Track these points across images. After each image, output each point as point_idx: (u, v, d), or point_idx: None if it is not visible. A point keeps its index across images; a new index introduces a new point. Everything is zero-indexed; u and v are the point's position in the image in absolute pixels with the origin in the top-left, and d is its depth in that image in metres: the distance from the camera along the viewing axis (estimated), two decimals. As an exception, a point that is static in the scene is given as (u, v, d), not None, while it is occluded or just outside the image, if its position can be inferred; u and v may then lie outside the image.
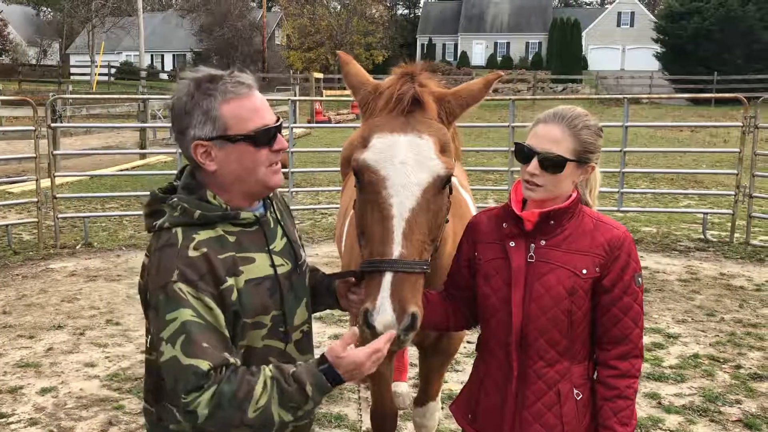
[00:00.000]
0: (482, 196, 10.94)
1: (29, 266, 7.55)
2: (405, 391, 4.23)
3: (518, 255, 2.13)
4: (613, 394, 2.10)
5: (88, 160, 15.36)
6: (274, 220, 1.99)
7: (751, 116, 8.33)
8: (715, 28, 35.66)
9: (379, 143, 2.02)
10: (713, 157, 15.99)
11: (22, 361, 5.01)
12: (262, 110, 1.84)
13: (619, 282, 2.09)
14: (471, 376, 2.36)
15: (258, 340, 1.88)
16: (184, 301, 1.72)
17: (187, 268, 1.74)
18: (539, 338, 2.10)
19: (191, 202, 1.82)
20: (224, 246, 1.82)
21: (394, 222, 1.96)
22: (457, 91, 2.18)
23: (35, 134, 8.31)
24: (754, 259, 7.81)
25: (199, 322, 1.72)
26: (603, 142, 2.18)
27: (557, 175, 2.06)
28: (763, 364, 4.96)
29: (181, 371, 1.70)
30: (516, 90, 37.28)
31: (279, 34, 57.14)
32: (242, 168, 1.83)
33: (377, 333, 1.87)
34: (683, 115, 28.68)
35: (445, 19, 61.72)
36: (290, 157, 9.68)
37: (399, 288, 1.91)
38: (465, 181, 3.37)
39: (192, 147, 1.82)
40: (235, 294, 1.80)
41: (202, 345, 1.70)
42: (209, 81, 1.81)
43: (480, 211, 2.37)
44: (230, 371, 1.73)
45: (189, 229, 1.80)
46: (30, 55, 54.45)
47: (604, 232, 2.12)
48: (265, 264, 1.89)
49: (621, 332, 2.10)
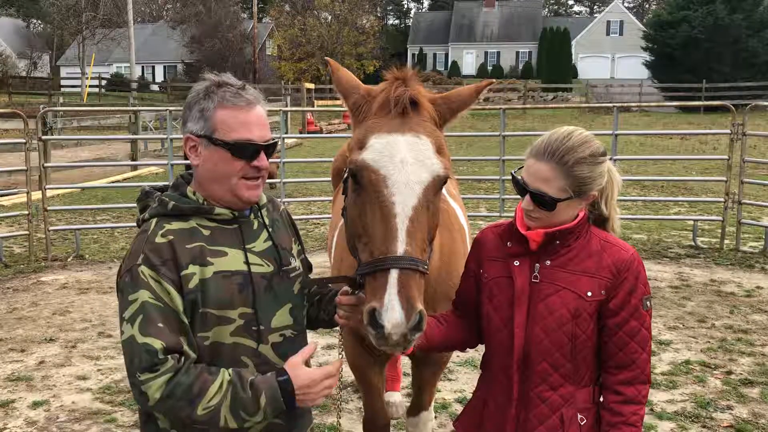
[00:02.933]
0: (474, 204, 10.97)
1: (20, 279, 7.51)
2: (398, 401, 4.22)
3: (522, 274, 2.08)
4: (618, 420, 2.03)
5: (79, 172, 15.31)
6: (259, 224, 2.03)
7: (739, 124, 8.41)
8: (703, 37, 35.97)
9: (377, 143, 2.01)
10: (703, 164, 16.10)
11: (13, 375, 4.98)
12: (252, 126, 1.90)
13: (626, 305, 2.03)
14: (475, 394, 2.31)
15: (226, 335, 1.90)
16: (145, 284, 1.81)
17: (151, 253, 1.84)
18: (542, 361, 2.04)
19: (171, 196, 1.94)
20: (194, 237, 1.90)
21: (397, 220, 1.92)
22: (447, 96, 2.19)
23: (26, 147, 8.28)
24: (744, 265, 7.86)
25: (157, 304, 1.80)
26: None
27: (551, 212, 2.00)
28: (754, 370, 4.99)
29: (136, 349, 1.76)
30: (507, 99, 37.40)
31: (270, 45, 57.22)
32: (217, 171, 1.91)
33: (386, 334, 1.82)
34: (673, 122, 28.87)
35: (435, 29, 62.05)
36: (281, 168, 9.69)
37: (407, 285, 1.85)
38: (455, 191, 3.36)
39: (185, 138, 1.95)
40: (195, 282, 1.85)
41: (157, 325, 1.78)
42: (218, 86, 1.92)
43: (487, 227, 2.31)
44: (190, 363, 1.80)
45: (163, 219, 1.91)
46: (20, 68, 54.28)
47: (612, 254, 2.06)
48: (239, 260, 1.93)
49: (627, 357, 2.04)
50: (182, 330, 1.82)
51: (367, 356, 2.88)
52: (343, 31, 49.18)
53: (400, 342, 1.84)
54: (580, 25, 60.72)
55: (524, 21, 59.90)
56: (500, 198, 9.66)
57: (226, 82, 1.93)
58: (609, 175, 2.12)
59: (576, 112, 28.71)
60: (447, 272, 2.58)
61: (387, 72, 2.17)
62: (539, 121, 27.80)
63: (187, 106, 1.95)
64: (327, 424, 4.20)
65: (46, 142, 10.36)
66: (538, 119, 28.33)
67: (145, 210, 1.99)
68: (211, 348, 1.89)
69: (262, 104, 1.95)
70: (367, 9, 53.77)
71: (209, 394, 1.76)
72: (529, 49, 58.08)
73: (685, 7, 37.54)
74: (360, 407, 4.31)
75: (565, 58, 51.70)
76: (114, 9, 46.03)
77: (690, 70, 35.88)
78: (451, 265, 2.60)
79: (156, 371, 1.74)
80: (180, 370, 1.76)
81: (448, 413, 4.34)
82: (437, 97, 2.18)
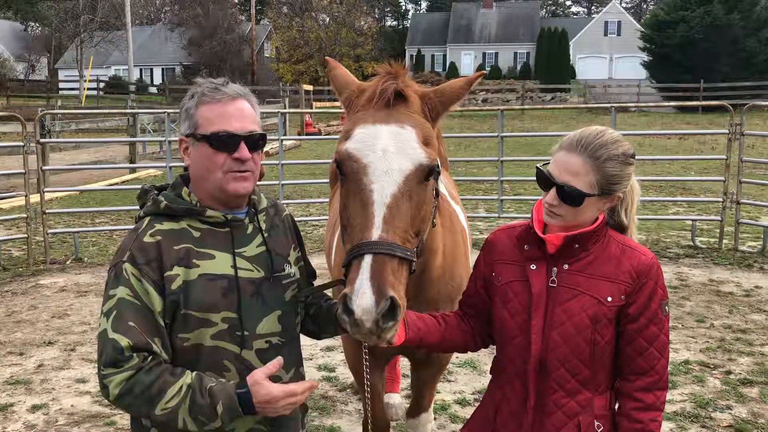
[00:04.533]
0: (473, 205, 10.97)
1: (19, 282, 7.51)
2: (397, 402, 4.22)
3: (539, 279, 2.03)
4: (637, 427, 1.99)
5: (77, 175, 15.30)
6: (254, 228, 2.02)
7: (737, 123, 8.42)
8: (700, 37, 36.02)
9: (361, 133, 2.01)
10: (701, 164, 16.11)
11: (12, 379, 4.97)
12: (231, 117, 1.91)
13: (645, 311, 1.99)
14: (485, 400, 2.26)
15: (207, 338, 1.89)
16: (125, 281, 1.83)
17: (137, 251, 1.86)
18: (560, 367, 2.00)
19: (166, 196, 1.95)
20: (183, 238, 1.90)
21: (374, 208, 1.91)
22: (439, 89, 2.18)
23: (24, 150, 8.29)
24: (743, 265, 7.87)
25: (134, 302, 1.82)
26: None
27: (577, 208, 1.96)
28: (753, 370, 4.99)
29: (105, 343, 1.80)
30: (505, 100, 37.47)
31: (268, 47, 57.25)
32: (202, 167, 1.93)
33: (357, 321, 1.77)
34: (671, 123, 28.89)
35: (433, 30, 62.02)
36: (280, 169, 9.70)
37: (380, 270, 1.81)
38: (455, 192, 3.36)
39: (179, 140, 2.01)
40: (179, 284, 1.85)
41: (128, 323, 1.80)
42: (200, 86, 1.96)
43: (498, 228, 2.27)
44: (154, 363, 1.81)
45: (155, 219, 1.93)
46: (18, 71, 54.29)
47: (631, 258, 2.01)
48: (226, 264, 1.92)
49: (646, 363, 2.00)
50: (156, 330, 1.83)
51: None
52: (341, 32, 49.21)
53: (373, 330, 1.78)
54: (578, 25, 60.73)
55: (522, 22, 59.90)
56: (499, 199, 9.66)
57: (210, 80, 1.96)
58: (631, 184, 2.10)
59: (574, 113, 28.70)
60: (450, 273, 2.58)
61: (379, 66, 2.18)
62: (537, 122, 27.81)
63: (180, 112, 2.00)
64: (327, 425, 4.20)
65: (45, 145, 10.36)
66: (536, 120, 28.33)
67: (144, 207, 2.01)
68: (192, 349, 1.89)
69: (246, 98, 1.95)
70: (365, 10, 53.84)
71: (168, 395, 1.78)
72: (527, 50, 58.08)
73: (683, 7, 37.59)
74: (359, 408, 4.32)
75: (563, 59, 51.71)
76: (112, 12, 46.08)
77: (688, 70, 35.94)
78: (453, 266, 2.60)
79: (119, 367, 1.78)
80: (142, 369, 1.78)
81: (448, 414, 4.34)
82: (428, 90, 2.17)
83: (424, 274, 2.41)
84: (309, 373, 5.04)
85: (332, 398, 4.59)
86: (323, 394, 4.63)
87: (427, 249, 2.33)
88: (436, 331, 2.19)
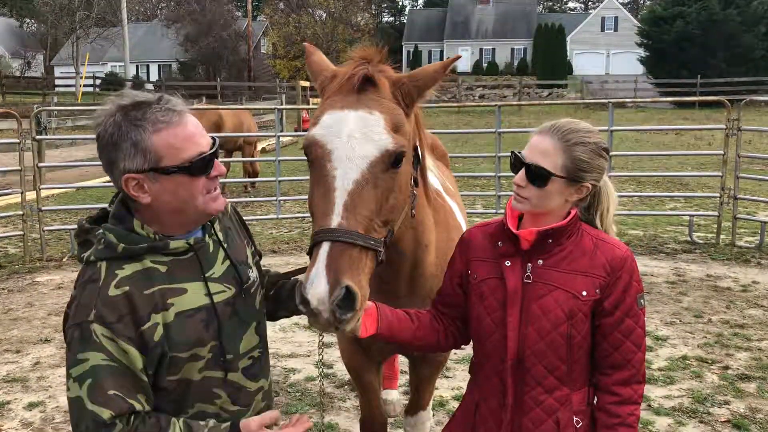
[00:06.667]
0: (470, 201, 10.97)
1: (15, 280, 7.48)
2: (395, 399, 4.21)
3: (514, 275, 2.03)
4: (615, 422, 2.00)
5: (73, 171, 15.25)
6: (214, 243, 1.88)
7: (734, 119, 8.41)
8: (697, 32, 36.00)
9: (327, 119, 1.98)
10: (698, 160, 16.12)
11: (8, 376, 4.96)
12: (196, 137, 1.74)
13: (621, 304, 1.99)
14: (465, 400, 2.26)
15: (195, 372, 1.80)
16: (97, 344, 1.65)
17: (105, 308, 1.66)
18: (537, 363, 2.00)
19: (117, 234, 1.73)
20: (152, 279, 1.73)
21: (336, 194, 1.87)
22: (413, 74, 2.14)
23: (20, 147, 8.25)
24: (740, 260, 7.87)
25: (111, 365, 1.65)
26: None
27: (543, 189, 1.95)
28: (751, 365, 4.99)
29: (83, 414, 1.65)
30: (502, 96, 37.41)
31: (265, 43, 57.12)
32: (178, 200, 1.74)
33: (312, 310, 1.73)
34: (668, 118, 28.87)
35: (430, 26, 62.02)
36: (277, 166, 9.67)
37: (337, 258, 1.76)
38: (453, 188, 3.34)
39: (123, 180, 1.71)
40: (160, 332, 1.71)
41: (107, 392, 1.65)
42: (136, 109, 1.69)
43: (474, 226, 2.25)
44: (139, 421, 1.69)
45: (114, 263, 1.72)
46: (14, 67, 54.12)
47: (605, 252, 2.02)
48: (200, 294, 1.79)
49: (623, 357, 2.00)
50: (139, 388, 1.70)
51: (361, 356, 2.86)
52: (337, 28, 49.11)
53: (331, 321, 1.75)
54: (575, 21, 60.78)
55: (519, 17, 59.92)
56: (496, 195, 9.66)
57: (142, 101, 1.71)
58: (605, 189, 2.10)
59: (571, 108, 28.73)
60: (442, 270, 2.56)
61: (354, 51, 2.14)
62: (535, 118, 27.77)
63: (109, 144, 1.70)
64: (325, 423, 4.19)
65: (41, 141, 10.32)
66: (533, 116, 28.30)
67: (86, 245, 1.78)
68: (179, 384, 1.79)
69: (187, 108, 1.78)
70: (362, 6, 53.71)
71: None
72: (524, 46, 58.10)
73: (680, 2, 37.55)
74: (357, 405, 4.31)
75: (560, 55, 51.69)
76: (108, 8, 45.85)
77: (685, 66, 35.92)
78: (446, 263, 2.58)
79: None
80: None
81: (446, 411, 4.33)
82: (402, 75, 2.13)
83: (416, 269, 2.41)
84: (307, 370, 5.03)
85: (330, 395, 4.59)
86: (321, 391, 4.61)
87: (418, 243, 2.33)
88: (408, 328, 2.16)
